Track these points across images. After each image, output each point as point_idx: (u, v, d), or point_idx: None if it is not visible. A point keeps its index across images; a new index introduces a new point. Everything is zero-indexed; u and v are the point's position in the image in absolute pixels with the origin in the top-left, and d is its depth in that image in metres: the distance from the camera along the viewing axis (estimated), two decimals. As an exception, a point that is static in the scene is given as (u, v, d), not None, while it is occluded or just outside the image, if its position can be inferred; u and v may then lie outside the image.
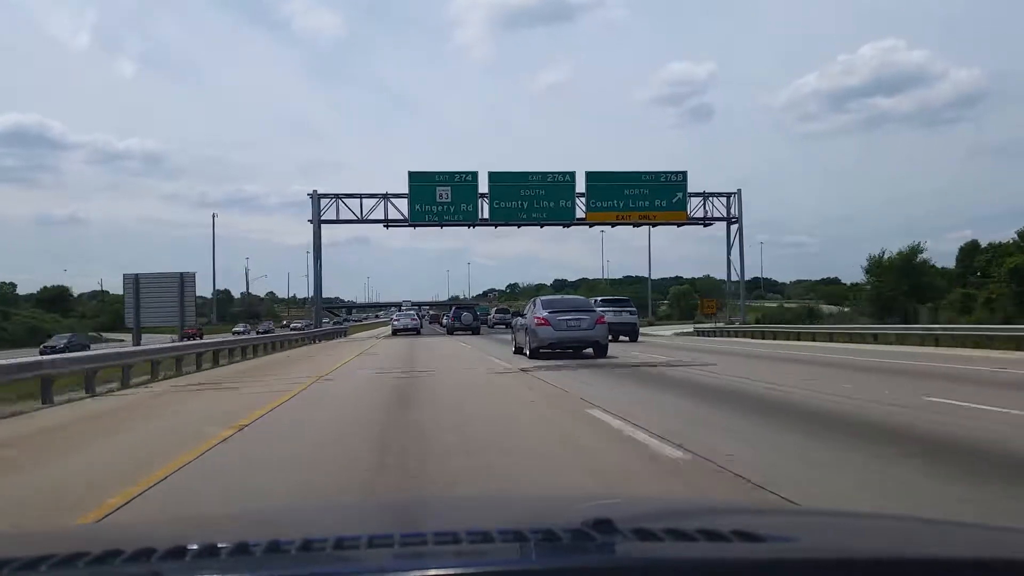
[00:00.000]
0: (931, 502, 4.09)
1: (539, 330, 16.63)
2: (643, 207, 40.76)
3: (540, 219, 40.82)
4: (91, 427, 8.38)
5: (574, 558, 1.04)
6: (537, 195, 40.19)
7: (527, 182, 40.32)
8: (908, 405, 7.99)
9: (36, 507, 4.51)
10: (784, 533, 1.25)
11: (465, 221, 40.66)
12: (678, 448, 5.68)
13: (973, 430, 6.34)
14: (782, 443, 6.05)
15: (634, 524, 1.13)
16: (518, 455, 5.83)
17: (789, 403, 8.55)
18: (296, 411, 8.97)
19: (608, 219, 41.39)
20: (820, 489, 4.48)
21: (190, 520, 2.48)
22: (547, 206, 40.33)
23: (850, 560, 1.04)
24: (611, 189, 40.59)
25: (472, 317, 41.75)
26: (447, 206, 39.91)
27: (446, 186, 39.94)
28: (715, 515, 1.60)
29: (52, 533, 2.29)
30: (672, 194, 40.94)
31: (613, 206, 40.59)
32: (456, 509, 1.98)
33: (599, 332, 16.88)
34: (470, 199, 40.06)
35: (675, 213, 41.34)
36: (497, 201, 40.02)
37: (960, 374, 12.22)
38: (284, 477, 5.22)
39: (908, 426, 6.63)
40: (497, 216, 40.38)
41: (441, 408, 8.94)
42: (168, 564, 1.00)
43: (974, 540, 1.31)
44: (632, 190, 40.70)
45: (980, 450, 5.51)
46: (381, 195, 40.44)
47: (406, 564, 1.03)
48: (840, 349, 21.16)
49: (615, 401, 8.81)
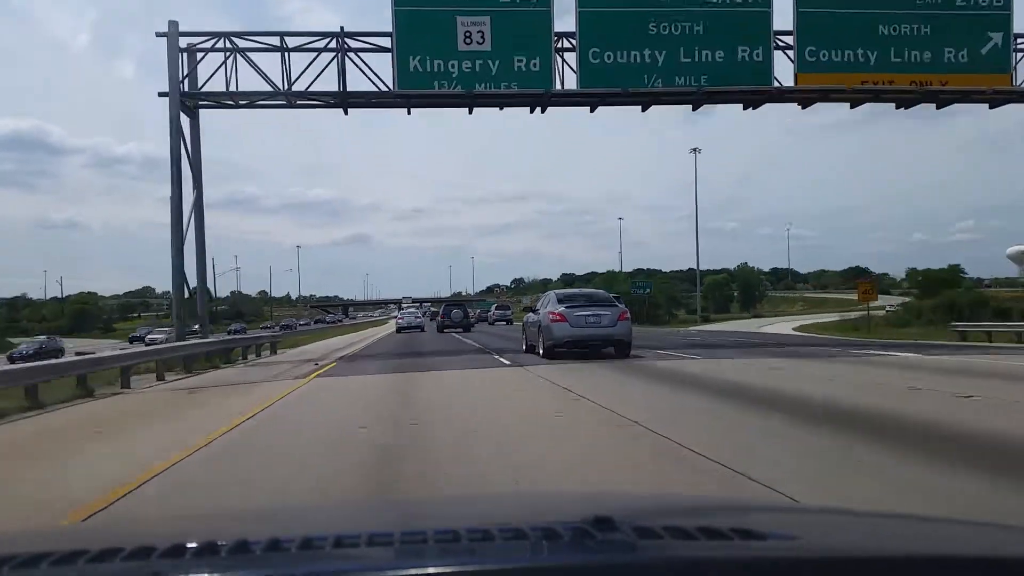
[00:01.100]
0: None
1: (554, 327, 14.77)
2: (922, 62, 18.34)
3: (696, 83, 18.08)
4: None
5: (575, 556, 1.02)
6: (685, 36, 17.86)
7: (663, 5, 17.93)
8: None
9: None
10: (785, 531, 1.24)
11: (527, 90, 18.13)
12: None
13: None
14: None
15: (634, 522, 1.11)
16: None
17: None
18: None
19: (849, 82, 18.44)
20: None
21: (189, 518, 2.41)
22: (708, 60, 17.98)
23: (852, 558, 1.04)
24: (850, 23, 18.17)
25: (462, 314, 38.88)
26: (484, 58, 17.65)
27: (482, 15, 17.63)
28: (716, 513, 1.59)
29: (52, 531, 2.43)
30: (980, 36, 18.46)
31: (853, 61, 18.23)
32: (456, 507, 1.87)
33: (621, 329, 14.95)
34: (536, 45, 17.77)
35: (987, 76, 18.75)
36: (596, 49, 17.76)
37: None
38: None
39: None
40: (597, 79, 17.96)
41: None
42: (167, 562, 0.99)
43: (976, 538, 1.31)
44: (892, 26, 18.27)
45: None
46: (330, 34, 17.96)
47: (406, 562, 1.01)
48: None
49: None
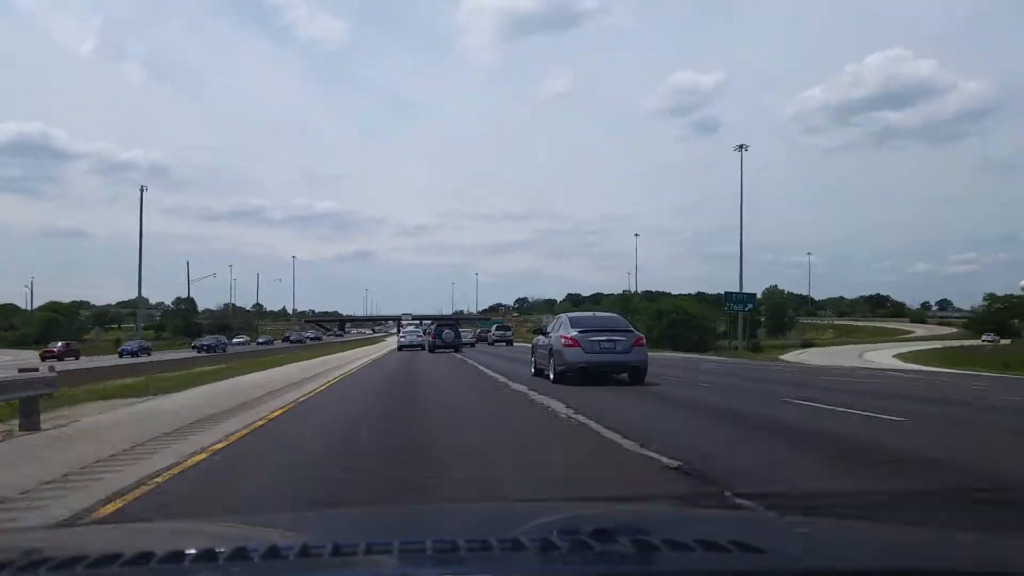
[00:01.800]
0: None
1: (566, 351, 14.46)
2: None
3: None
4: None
5: (572, 567, 1.03)
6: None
7: None
8: None
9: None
10: (783, 544, 1.25)
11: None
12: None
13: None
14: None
15: (632, 534, 1.11)
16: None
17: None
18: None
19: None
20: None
21: (189, 524, 2.36)
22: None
23: (849, 571, 1.04)
24: None
25: (453, 335, 37.86)
26: None
27: None
28: (713, 525, 1.58)
29: (51, 534, 2.37)
30: None
31: None
32: (455, 517, 1.87)
33: (637, 355, 14.68)
34: None
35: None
36: None
37: None
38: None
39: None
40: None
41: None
42: (166, 568, 0.99)
43: (974, 551, 1.31)
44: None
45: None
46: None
47: (405, 572, 1.02)
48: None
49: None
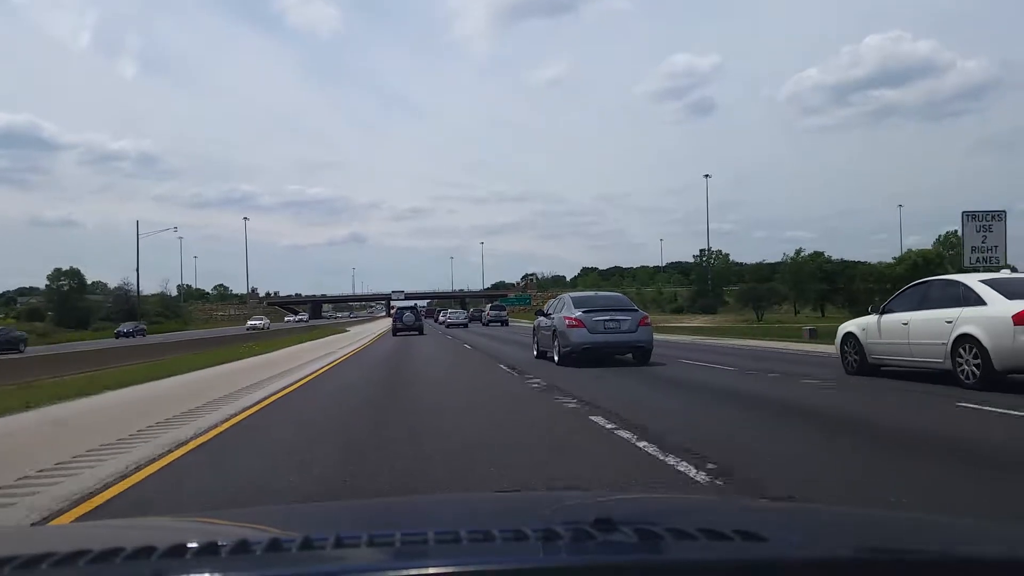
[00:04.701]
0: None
1: (571, 332, 14.16)
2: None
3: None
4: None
5: (575, 557, 1.01)
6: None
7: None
8: None
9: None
10: (787, 532, 1.23)
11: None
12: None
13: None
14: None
15: (635, 523, 1.09)
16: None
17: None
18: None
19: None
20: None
21: (190, 518, 2.31)
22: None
23: (855, 559, 1.02)
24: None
25: (414, 317, 37.03)
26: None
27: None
28: (716, 513, 1.58)
29: (52, 530, 2.39)
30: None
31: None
32: (456, 508, 1.81)
33: (642, 335, 14.33)
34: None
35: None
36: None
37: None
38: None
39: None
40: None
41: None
42: (168, 562, 0.97)
43: (979, 537, 1.28)
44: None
45: None
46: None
47: (407, 562, 0.97)
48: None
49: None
